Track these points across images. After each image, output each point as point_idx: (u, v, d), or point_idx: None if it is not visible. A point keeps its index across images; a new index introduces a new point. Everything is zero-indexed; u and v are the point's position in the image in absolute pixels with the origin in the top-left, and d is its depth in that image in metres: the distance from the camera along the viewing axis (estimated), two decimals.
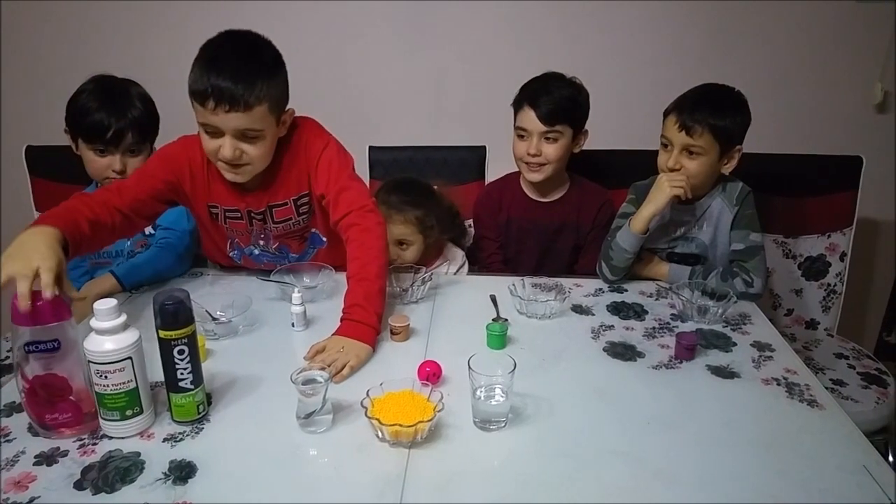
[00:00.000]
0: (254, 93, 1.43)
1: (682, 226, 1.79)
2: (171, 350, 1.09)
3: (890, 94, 2.32)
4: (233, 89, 1.41)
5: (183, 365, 1.10)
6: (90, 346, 1.06)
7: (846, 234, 2.11)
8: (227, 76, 1.41)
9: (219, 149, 1.48)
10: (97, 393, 1.09)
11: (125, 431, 1.11)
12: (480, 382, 1.13)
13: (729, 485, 1.02)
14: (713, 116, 1.64)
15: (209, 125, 1.46)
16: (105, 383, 1.07)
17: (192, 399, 1.13)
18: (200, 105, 1.44)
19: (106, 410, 1.10)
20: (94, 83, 1.78)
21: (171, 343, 1.09)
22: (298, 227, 1.71)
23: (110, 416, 1.10)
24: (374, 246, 1.51)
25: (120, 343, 1.06)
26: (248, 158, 1.51)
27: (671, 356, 1.39)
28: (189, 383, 1.12)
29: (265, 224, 1.67)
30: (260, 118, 1.46)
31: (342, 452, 1.09)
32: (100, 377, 1.07)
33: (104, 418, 1.11)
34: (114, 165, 1.76)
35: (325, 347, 1.34)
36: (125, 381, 1.08)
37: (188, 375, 1.11)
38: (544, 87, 1.85)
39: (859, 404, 1.78)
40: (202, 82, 1.42)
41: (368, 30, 2.34)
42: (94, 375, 1.07)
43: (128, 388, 1.08)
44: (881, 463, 1.06)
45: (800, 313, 2.19)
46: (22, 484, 1.00)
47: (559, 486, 1.01)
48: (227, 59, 1.45)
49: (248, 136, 1.48)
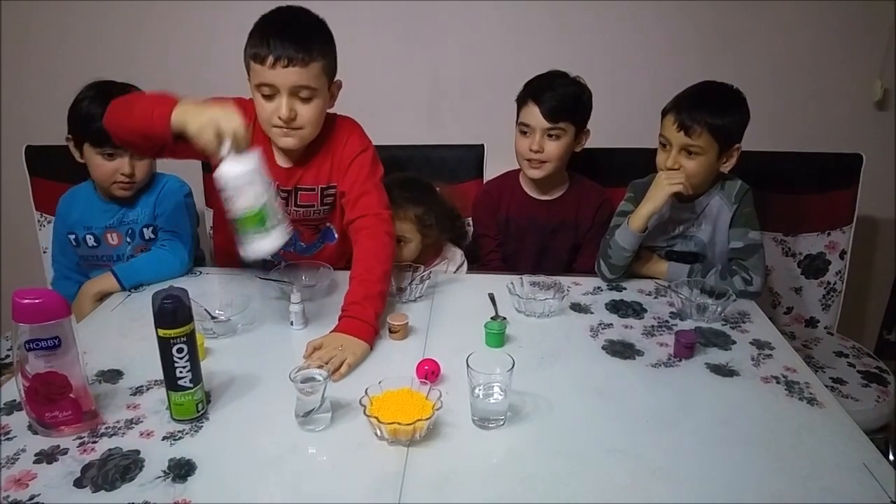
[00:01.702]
0: (312, 49, 1.50)
1: (681, 224, 1.79)
2: (169, 349, 1.10)
3: (889, 91, 2.32)
4: (293, 45, 1.48)
5: (182, 363, 1.11)
6: (224, 172, 1.26)
7: (846, 231, 2.11)
8: (287, 34, 1.48)
9: (274, 111, 1.53)
10: (237, 218, 1.29)
11: (270, 244, 1.30)
12: (479, 381, 1.13)
13: (728, 483, 1.02)
14: (712, 116, 1.63)
15: (266, 84, 1.51)
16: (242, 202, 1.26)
17: (191, 397, 1.13)
18: (260, 64, 1.49)
19: (253, 226, 1.29)
20: (93, 90, 1.75)
21: (171, 342, 1.09)
22: (317, 216, 1.73)
23: (258, 230, 1.29)
24: (381, 252, 1.54)
25: (248, 165, 1.27)
26: (301, 121, 1.55)
27: (670, 354, 1.39)
28: (188, 382, 1.12)
29: (287, 205, 1.69)
30: (315, 76, 1.52)
31: (341, 450, 1.09)
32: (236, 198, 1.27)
33: (247, 242, 1.30)
34: (122, 169, 1.75)
35: (322, 344, 1.34)
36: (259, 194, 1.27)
37: (187, 374, 1.12)
38: (548, 83, 1.85)
39: (859, 402, 1.78)
40: (262, 41, 1.48)
41: (365, 28, 2.34)
42: (230, 201, 1.27)
43: (261, 202, 1.27)
44: (881, 461, 1.06)
45: (799, 311, 2.19)
46: (22, 482, 1.00)
47: (558, 484, 1.01)
48: (286, 21, 1.53)
49: (302, 97, 1.53)
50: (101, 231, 1.84)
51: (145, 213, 1.83)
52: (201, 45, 2.37)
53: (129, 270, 1.68)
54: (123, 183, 1.76)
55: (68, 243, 1.88)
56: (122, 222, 1.83)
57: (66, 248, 1.90)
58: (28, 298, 1.04)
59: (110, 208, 1.83)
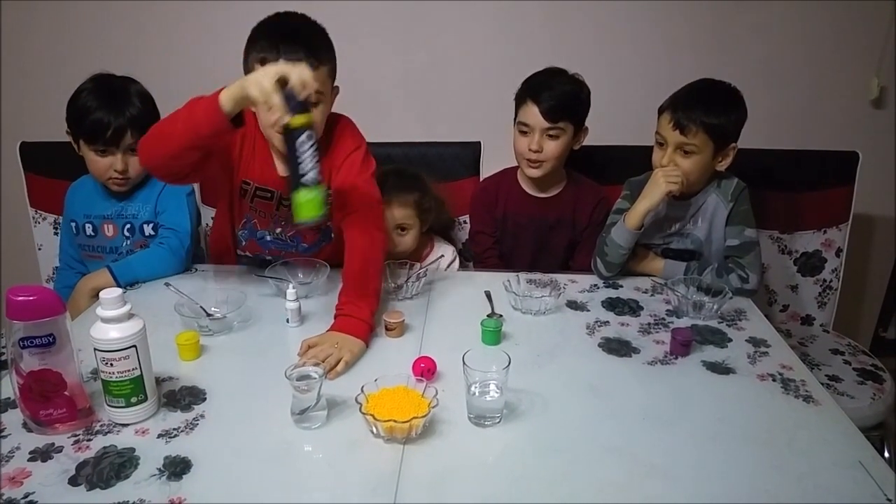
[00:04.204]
0: (321, 53, 1.51)
1: (677, 221, 1.79)
2: (296, 139, 1.12)
3: (886, 89, 2.32)
4: (303, 50, 1.46)
5: (309, 153, 1.12)
6: (96, 335, 1.08)
7: (842, 229, 2.11)
8: (296, 40, 1.47)
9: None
10: (103, 380, 1.11)
11: (131, 418, 1.13)
12: (475, 378, 1.13)
13: (724, 480, 1.02)
14: (708, 115, 1.63)
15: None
16: (111, 371, 1.09)
17: (318, 193, 1.14)
18: None
19: (112, 398, 1.12)
20: (93, 82, 1.77)
21: (298, 131, 1.11)
22: None
23: (116, 404, 1.12)
24: (372, 248, 1.53)
25: (125, 332, 1.09)
26: None
27: (666, 352, 1.39)
28: (318, 174, 1.14)
29: (290, 210, 1.68)
30: (323, 80, 1.52)
31: (337, 448, 1.09)
32: (105, 365, 1.09)
33: (110, 405, 1.13)
34: (115, 165, 1.75)
35: (317, 343, 1.34)
36: (130, 369, 1.10)
37: (316, 165, 1.14)
38: (547, 82, 1.84)
39: (855, 400, 1.79)
40: (271, 47, 1.46)
41: (361, 26, 2.33)
42: (100, 363, 1.09)
43: (132, 375, 1.10)
44: (877, 458, 1.07)
45: (795, 309, 2.20)
46: (17, 480, 1.00)
47: (553, 482, 1.01)
48: (293, 27, 1.52)
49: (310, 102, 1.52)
50: (99, 221, 1.85)
51: (146, 210, 1.83)
52: (201, 41, 2.36)
53: (125, 267, 1.68)
54: (117, 179, 1.77)
55: (71, 230, 1.89)
56: (121, 215, 1.84)
57: (71, 237, 1.92)
58: (22, 295, 1.03)
59: (111, 199, 1.85)
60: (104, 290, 1.08)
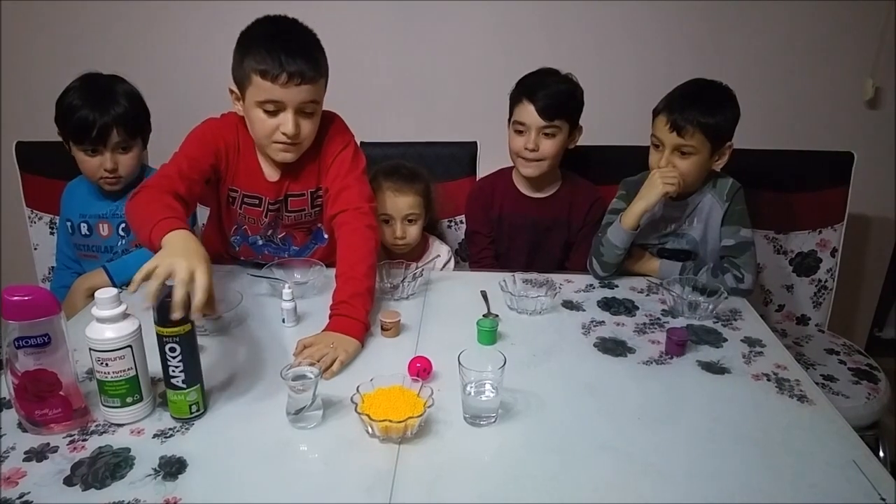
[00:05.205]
0: (320, 65, 1.51)
1: (673, 222, 1.79)
2: (164, 346, 1.09)
3: (881, 89, 2.33)
4: (304, 62, 1.46)
5: (174, 363, 1.10)
6: (91, 334, 1.08)
7: (837, 229, 2.12)
8: (295, 50, 1.46)
9: (276, 128, 1.51)
10: (98, 380, 1.10)
11: (125, 418, 1.13)
12: (470, 378, 1.13)
13: (719, 480, 1.02)
14: (703, 115, 1.64)
15: (273, 101, 1.48)
16: (106, 371, 1.09)
17: (183, 398, 1.13)
18: (270, 81, 1.45)
19: (107, 398, 1.11)
20: (80, 81, 1.76)
21: (164, 339, 1.09)
22: (309, 219, 1.73)
23: (111, 403, 1.12)
24: (363, 247, 1.53)
25: (120, 331, 1.08)
26: (301, 136, 1.54)
27: (661, 352, 1.40)
28: (181, 382, 1.11)
29: (278, 214, 1.68)
30: (320, 91, 1.53)
31: (332, 448, 1.09)
32: (101, 365, 1.09)
33: (105, 405, 1.12)
34: (105, 164, 1.75)
35: (312, 342, 1.34)
36: (125, 369, 1.10)
37: (180, 374, 1.11)
38: (542, 81, 1.84)
39: (850, 400, 1.79)
40: (271, 58, 1.44)
41: (358, 27, 2.34)
42: (96, 363, 1.09)
43: (128, 375, 1.10)
44: (871, 458, 1.07)
45: (790, 309, 2.20)
46: (12, 480, 1.00)
47: (549, 482, 1.01)
48: (289, 36, 1.49)
49: (306, 112, 1.52)
50: (94, 221, 1.85)
51: None
52: (200, 41, 2.36)
53: (120, 267, 1.68)
54: (108, 178, 1.76)
55: (67, 230, 1.89)
56: (116, 214, 1.83)
57: (67, 237, 1.92)
58: (18, 296, 1.03)
59: (106, 199, 1.85)
60: (100, 290, 1.08)
